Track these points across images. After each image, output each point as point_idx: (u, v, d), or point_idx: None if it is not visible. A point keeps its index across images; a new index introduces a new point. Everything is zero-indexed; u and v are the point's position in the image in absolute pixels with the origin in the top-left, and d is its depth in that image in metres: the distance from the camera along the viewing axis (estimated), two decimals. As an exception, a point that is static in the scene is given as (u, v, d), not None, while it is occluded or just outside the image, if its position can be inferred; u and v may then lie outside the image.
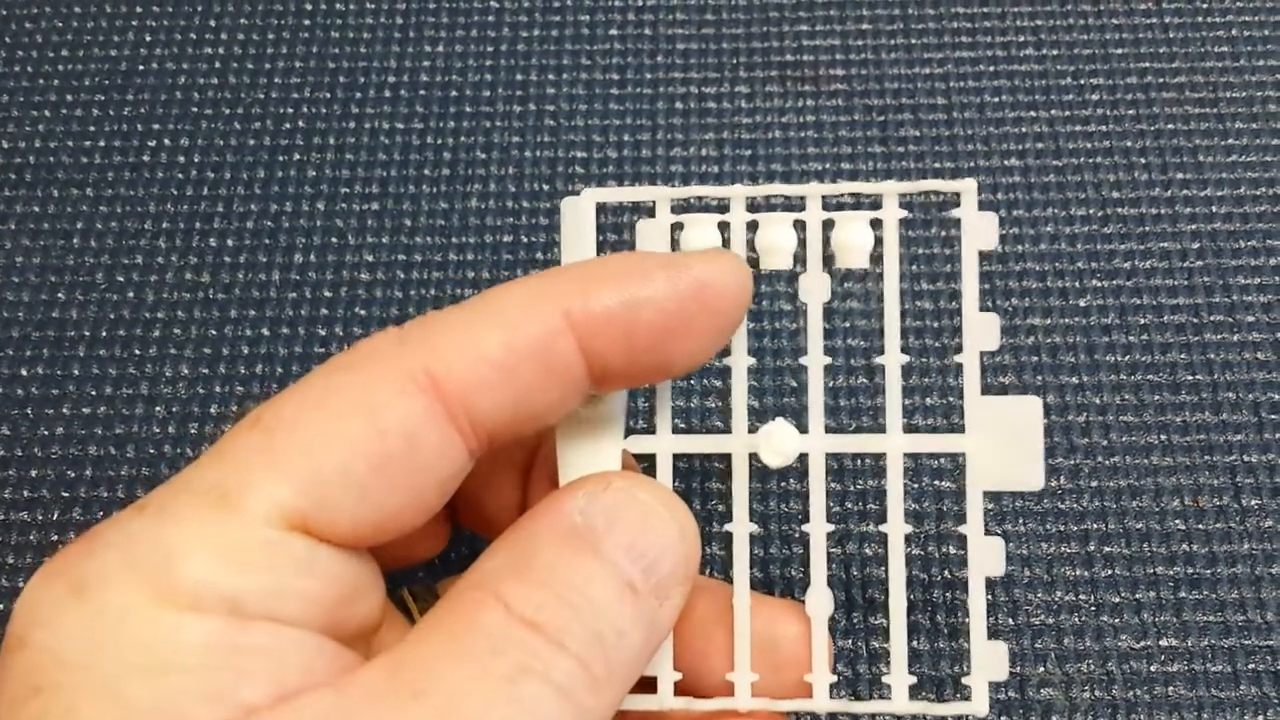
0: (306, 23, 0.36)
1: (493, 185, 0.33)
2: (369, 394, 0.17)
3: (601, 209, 0.21)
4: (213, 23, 0.36)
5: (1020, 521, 0.28)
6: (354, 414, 0.17)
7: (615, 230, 0.32)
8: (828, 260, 0.21)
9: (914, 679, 0.20)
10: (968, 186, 0.20)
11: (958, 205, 0.20)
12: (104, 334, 0.31)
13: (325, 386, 0.17)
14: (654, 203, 0.21)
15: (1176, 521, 0.28)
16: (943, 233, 0.31)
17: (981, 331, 0.20)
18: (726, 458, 0.21)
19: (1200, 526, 0.28)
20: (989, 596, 0.27)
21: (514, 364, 0.18)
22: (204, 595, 0.15)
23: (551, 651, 0.16)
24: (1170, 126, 0.33)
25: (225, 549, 0.16)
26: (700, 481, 0.28)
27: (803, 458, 0.21)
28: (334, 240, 0.32)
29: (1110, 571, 0.27)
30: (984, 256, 0.30)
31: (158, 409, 0.30)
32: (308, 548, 0.17)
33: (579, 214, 0.21)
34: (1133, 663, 0.26)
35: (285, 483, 0.16)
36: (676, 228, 0.21)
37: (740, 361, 0.21)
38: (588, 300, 0.18)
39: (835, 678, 0.21)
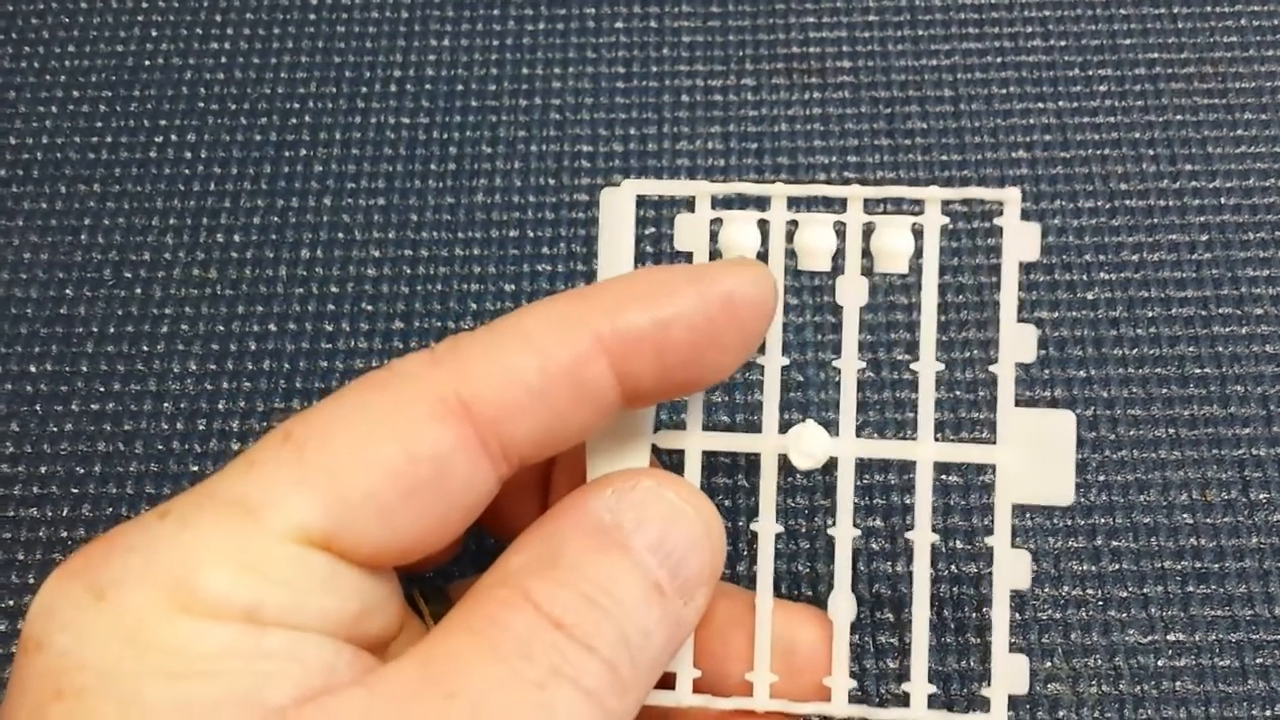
0: (312, 17, 0.36)
1: (499, 179, 0.33)
2: (401, 417, 0.17)
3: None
4: (219, 18, 0.36)
5: (1027, 516, 0.28)
6: (385, 437, 0.17)
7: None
8: (865, 260, 0.21)
9: (933, 687, 0.20)
10: (1011, 196, 0.20)
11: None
12: (112, 330, 0.31)
13: (358, 405, 0.17)
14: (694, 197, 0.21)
15: (1184, 515, 0.28)
16: (951, 225, 0.31)
17: (1018, 343, 0.20)
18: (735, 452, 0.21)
19: (1208, 520, 0.27)
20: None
21: (547, 389, 0.18)
22: (222, 605, 0.15)
23: (581, 655, 0.16)
24: (1179, 117, 0.33)
25: (246, 561, 0.16)
26: (707, 476, 0.28)
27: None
28: (340, 235, 0.32)
29: (1118, 566, 0.27)
30: (1023, 267, 0.30)
31: (166, 405, 0.30)
32: (329, 565, 0.17)
33: (619, 205, 0.21)
34: (1140, 657, 0.26)
35: (312, 501, 0.16)
36: (715, 223, 0.21)
37: (774, 361, 0.21)
38: (618, 321, 0.18)
39: (854, 683, 0.20)
